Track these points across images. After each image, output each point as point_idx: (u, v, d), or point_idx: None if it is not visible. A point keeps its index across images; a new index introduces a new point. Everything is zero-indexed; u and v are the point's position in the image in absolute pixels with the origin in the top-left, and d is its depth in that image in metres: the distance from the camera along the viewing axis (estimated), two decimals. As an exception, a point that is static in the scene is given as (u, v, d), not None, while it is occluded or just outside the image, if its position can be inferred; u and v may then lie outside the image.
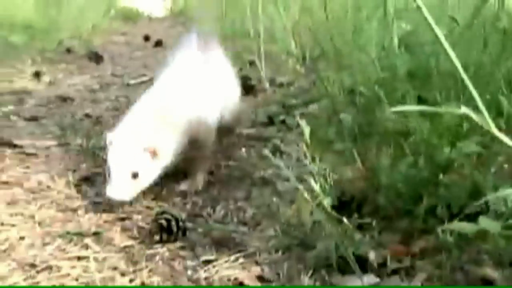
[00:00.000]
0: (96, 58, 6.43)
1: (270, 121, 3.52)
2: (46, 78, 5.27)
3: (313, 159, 2.63)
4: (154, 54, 7.11)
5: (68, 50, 7.06)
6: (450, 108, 1.36)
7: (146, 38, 8.91)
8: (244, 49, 5.64)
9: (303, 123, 2.69)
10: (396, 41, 2.80)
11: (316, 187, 2.10)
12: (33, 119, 3.83)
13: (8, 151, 3.11)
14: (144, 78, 5.26)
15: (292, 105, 3.65)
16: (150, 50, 7.59)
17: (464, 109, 1.17)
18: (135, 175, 2.34)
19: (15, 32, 6.60)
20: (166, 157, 2.44)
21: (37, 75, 5.30)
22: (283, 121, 3.44)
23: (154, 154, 2.37)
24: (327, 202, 2.07)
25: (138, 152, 2.36)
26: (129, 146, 2.38)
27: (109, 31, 9.56)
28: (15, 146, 3.18)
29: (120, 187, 2.32)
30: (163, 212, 2.14)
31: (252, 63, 5.04)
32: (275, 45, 5.13)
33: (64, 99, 4.51)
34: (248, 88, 4.41)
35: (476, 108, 1.22)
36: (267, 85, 4.37)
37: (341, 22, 3.93)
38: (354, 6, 3.77)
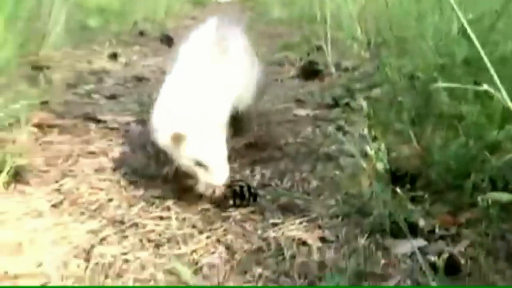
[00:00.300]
0: (168, 41, 6.71)
1: (335, 103, 3.73)
2: (122, 59, 5.58)
3: (373, 138, 2.87)
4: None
5: (142, 33, 7.39)
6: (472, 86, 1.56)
7: (216, 23, 9.16)
8: (311, 34, 5.85)
9: (364, 104, 2.93)
10: (454, 28, 3.00)
11: (371, 153, 2.35)
12: (113, 97, 4.12)
13: (93, 126, 3.39)
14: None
15: (356, 89, 3.86)
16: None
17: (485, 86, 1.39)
18: None
19: (91, 16, 6.91)
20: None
21: (113, 56, 5.61)
22: (347, 104, 3.65)
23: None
24: (382, 167, 2.31)
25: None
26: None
27: (180, 15, 9.84)
28: (99, 121, 3.46)
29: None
30: (237, 180, 2.40)
31: (319, 48, 5.26)
32: (341, 31, 5.33)
33: (139, 79, 4.81)
34: (314, 72, 4.64)
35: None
36: (333, 69, 4.57)
37: (403, 9, 4.11)
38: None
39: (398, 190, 2.21)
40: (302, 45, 5.88)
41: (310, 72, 4.71)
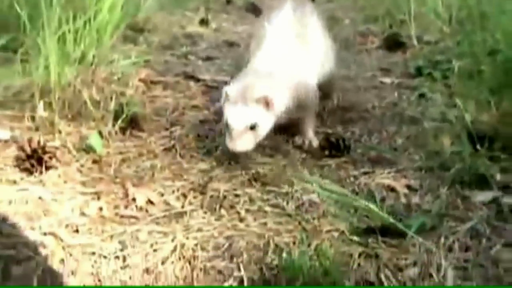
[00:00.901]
0: (254, 9, 6.93)
1: (419, 73, 3.95)
2: (212, 25, 5.85)
3: (455, 106, 3.09)
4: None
5: (228, 1, 7.63)
6: None
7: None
8: (394, 7, 6.02)
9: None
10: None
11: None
12: (208, 59, 4.41)
13: (193, 84, 3.69)
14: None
15: (438, 60, 4.06)
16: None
17: None
18: (252, 127, 2.53)
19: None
20: (278, 108, 2.63)
21: (204, 22, 5.87)
22: (429, 74, 3.86)
23: (267, 104, 2.57)
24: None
25: (254, 103, 2.57)
26: (245, 99, 2.58)
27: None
28: (198, 80, 3.76)
29: (241, 138, 2.51)
30: (332, 133, 2.68)
31: (402, 21, 5.44)
32: (424, 5, 5.49)
33: (230, 44, 5.08)
34: (398, 44, 4.84)
35: None
36: (415, 42, 4.77)
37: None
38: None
39: (477, 148, 2.45)
40: (385, 18, 6.06)
41: (394, 43, 4.90)
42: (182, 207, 2.19)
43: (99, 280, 1.96)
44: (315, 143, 2.78)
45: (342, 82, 3.78)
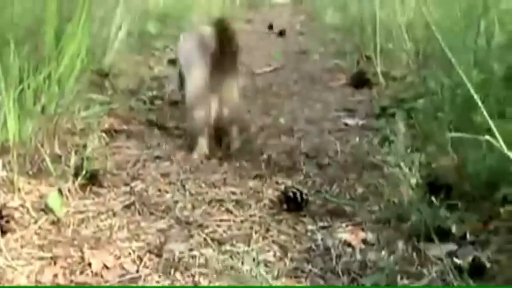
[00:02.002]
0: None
1: (383, 112, 3.97)
2: (181, 64, 5.84)
3: (415, 149, 3.11)
4: (278, 43, 7.62)
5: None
6: None
7: (270, 27, 9.42)
8: (362, 42, 6.07)
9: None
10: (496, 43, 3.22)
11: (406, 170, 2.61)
12: (174, 103, 4.40)
13: (156, 131, 3.70)
14: (269, 68, 5.79)
15: (402, 98, 4.09)
16: (274, 39, 8.07)
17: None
18: None
19: (151, 22, 7.17)
20: None
21: (172, 62, 5.86)
22: (393, 114, 3.88)
23: None
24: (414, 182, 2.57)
25: None
26: None
27: (236, 19, 10.10)
28: (162, 127, 3.77)
29: None
30: (290, 187, 2.68)
31: (368, 57, 5.48)
32: (391, 40, 5.52)
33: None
34: (364, 81, 4.88)
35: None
36: (381, 79, 4.80)
37: (451, 20, 4.29)
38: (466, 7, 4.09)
39: (433, 199, 2.47)
40: (353, 54, 6.11)
41: (360, 80, 4.95)
42: (137, 271, 2.17)
43: None
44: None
45: (306, 125, 3.80)
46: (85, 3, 3.59)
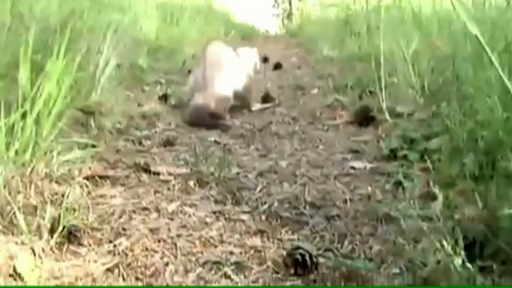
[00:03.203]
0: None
1: (393, 155, 3.63)
2: (172, 101, 5.51)
3: (433, 197, 2.78)
4: (274, 77, 7.31)
5: (190, 72, 7.32)
6: None
7: (265, 60, 9.11)
8: (363, 75, 5.76)
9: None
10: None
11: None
12: (165, 144, 4.07)
13: (145, 177, 3.34)
14: (267, 105, 5.47)
15: (413, 138, 3.74)
16: (269, 73, 7.76)
17: None
18: None
19: (141, 56, 6.87)
20: None
21: (164, 97, 5.54)
22: (405, 156, 3.55)
23: None
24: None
25: None
26: None
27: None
28: (151, 172, 3.41)
29: None
30: (297, 248, 2.32)
31: (372, 92, 5.16)
32: (394, 74, 5.21)
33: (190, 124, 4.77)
34: (369, 118, 4.55)
35: None
36: (387, 116, 4.46)
37: (463, 53, 4.00)
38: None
39: (465, 260, 2.12)
40: (354, 88, 5.79)
41: (364, 118, 4.62)
42: None
43: None
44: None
45: (309, 169, 3.47)
46: (65, 35, 3.30)
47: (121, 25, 5.45)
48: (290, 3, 23.13)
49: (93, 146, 3.59)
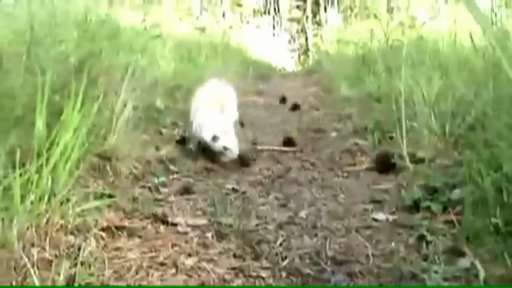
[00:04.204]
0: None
1: (415, 206, 3.54)
2: (190, 145, 5.43)
3: (461, 253, 2.69)
4: (291, 119, 7.24)
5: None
6: None
7: (283, 100, 9.06)
8: (382, 117, 5.67)
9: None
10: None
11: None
12: (183, 192, 3.99)
13: (162, 229, 3.27)
14: (286, 148, 5.41)
15: (435, 188, 3.64)
16: (287, 114, 7.70)
17: None
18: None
19: (158, 95, 6.80)
20: None
21: (182, 141, 5.46)
22: (428, 208, 3.45)
23: None
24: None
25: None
26: None
27: (248, 91, 9.76)
28: (169, 223, 3.33)
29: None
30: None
31: (392, 137, 5.07)
32: (412, 117, 5.11)
33: (209, 170, 4.70)
34: (388, 165, 4.45)
35: None
36: (408, 162, 4.37)
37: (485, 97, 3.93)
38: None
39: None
40: (374, 131, 5.70)
41: (385, 164, 4.53)
42: None
43: None
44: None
45: (330, 221, 3.39)
46: (82, 79, 3.26)
47: (139, 67, 5.37)
48: (306, 39, 23.18)
49: (110, 196, 3.52)
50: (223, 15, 18.33)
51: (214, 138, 4.82)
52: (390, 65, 7.19)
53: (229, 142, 4.83)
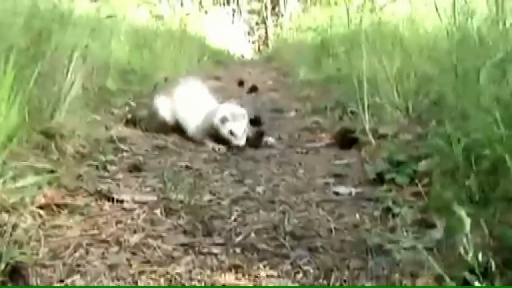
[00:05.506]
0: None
1: (380, 179, 3.33)
2: (142, 124, 5.17)
3: (430, 225, 2.49)
4: (249, 100, 7.00)
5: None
6: None
7: (241, 83, 8.84)
8: (345, 97, 5.46)
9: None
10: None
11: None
12: (132, 169, 3.73)
13: (107, 206, 3.02)
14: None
15: (400, 161, 3.43)
16: (245, 96, 7.47)
17: None
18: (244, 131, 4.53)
19: (111, 78, 6.55)
20: None
21: (131, 121, 5.20)
22: (392, 180, 3.24)
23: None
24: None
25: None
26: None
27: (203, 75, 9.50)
28: (114, 200, 3.08)
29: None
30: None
31: (352, 112, 4.87)
32: (373, 94, 4.92)
33: (161, 148, 4.44)
34: (351, 140, 4.25)
35: None
36: (371, 137, 4.15)
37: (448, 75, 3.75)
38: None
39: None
40: (334, 110, 5.48)
41: (346, 140, 4.32)
42: None
43: None
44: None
45: (289, 196, 3.15)
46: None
47: (89, 48, 5.11)
48: (266, 30, 22.95)
49: (52, 171, 3.24)
50: (181, 4, 18.00)
51: (223, 120, 4.58)
52: (349, 49, 7.02)
53: (237, 128, 4.55)
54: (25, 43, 3.82)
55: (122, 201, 3.06)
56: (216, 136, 4.64)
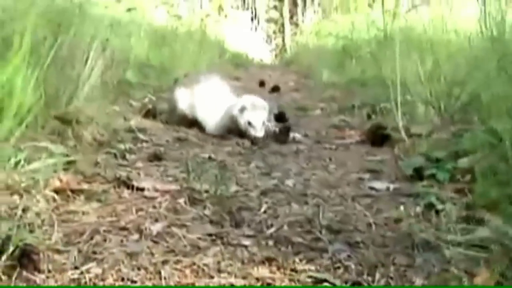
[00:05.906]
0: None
1: (417, 175, 3.11)
2: (161, 117, 5.00)
3: (478, 221, 2.29)
4: (272, 99, 6.80)
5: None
6: None
7: (261, 84, 8.67)
8: (373, 96, 5.28)
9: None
10: None
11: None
12: (152, 159, 3.53)
13: (126, 194, 2.82)
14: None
15: (438, 158, 3.22)
16: (267, 95, 7.28)
17: None
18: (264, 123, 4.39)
19: (130, 71, 6.38)
20: None
21: (150, 114, 5.03)
22: (432, 176, 3.02)
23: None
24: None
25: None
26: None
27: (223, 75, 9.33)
28: (134, 188, 2.87)
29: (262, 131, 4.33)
30: (323, 280, 1.77)
31: (383, 110, 4.67)
32: (405, 93, 4.72)
33: (182, 140, 4.25)
34: (382, 137, 4.05)
35: None
36: (404, 135, 3.93)
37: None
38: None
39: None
40: (362, 108, 5.28)
41: (378, 137, 4.10)
42: None
43: None
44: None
45: (322, 189, 2.94)
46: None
47: (110, 42, 4.95)
48: (283, 39, 22.75)
49: (67, 156, 3.04)
50: (201, 6, 17.88)
51: (242, 109, 4.42)
52: (376, 52, 6.86)
53: (255, 119, 4.38)
54: (43, 32, 3.64)
55: (142, 189, 2.85)
56: (235, 131, 4.47)
